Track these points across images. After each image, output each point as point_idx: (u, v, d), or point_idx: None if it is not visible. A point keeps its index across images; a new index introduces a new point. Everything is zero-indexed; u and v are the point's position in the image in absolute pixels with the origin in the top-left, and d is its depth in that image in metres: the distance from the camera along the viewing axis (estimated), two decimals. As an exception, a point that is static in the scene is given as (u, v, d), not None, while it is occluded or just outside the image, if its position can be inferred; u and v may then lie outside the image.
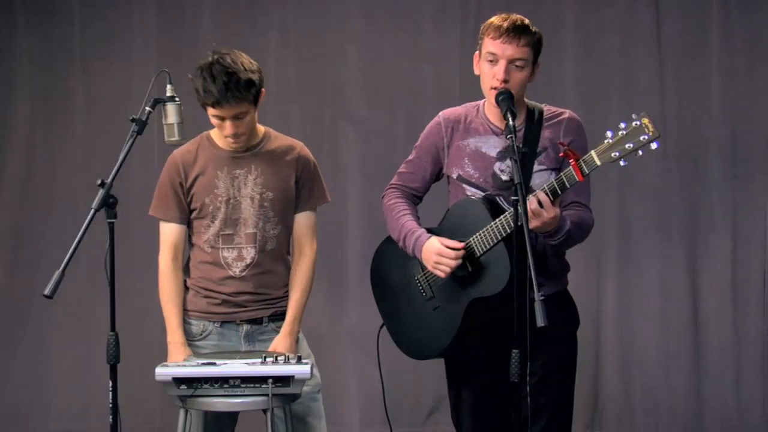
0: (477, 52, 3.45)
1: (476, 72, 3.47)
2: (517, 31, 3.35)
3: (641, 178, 5.45)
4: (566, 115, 3.49)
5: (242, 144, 3.68)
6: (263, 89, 3.64)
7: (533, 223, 3.22)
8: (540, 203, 3.20)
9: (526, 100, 3.50)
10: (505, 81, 3.35)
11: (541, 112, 3.47)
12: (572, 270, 3.61)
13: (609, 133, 3.16)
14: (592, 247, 5.01)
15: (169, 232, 3.75)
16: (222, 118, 3.58)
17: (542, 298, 2.97)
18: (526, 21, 3.40)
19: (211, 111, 3.59)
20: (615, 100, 5.48)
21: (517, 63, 3.36)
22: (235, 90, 3.52)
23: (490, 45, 3.37)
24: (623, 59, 5.51)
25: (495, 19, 3.41)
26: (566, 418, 3.52)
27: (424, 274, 3.53)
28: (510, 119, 3.23)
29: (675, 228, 5.50)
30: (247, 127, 3.64)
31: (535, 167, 3.42)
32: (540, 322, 2.96)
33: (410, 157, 3.65)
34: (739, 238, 5.45)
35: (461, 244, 3.39)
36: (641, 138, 3.12)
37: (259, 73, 3.59)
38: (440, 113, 3.59)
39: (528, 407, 3.21)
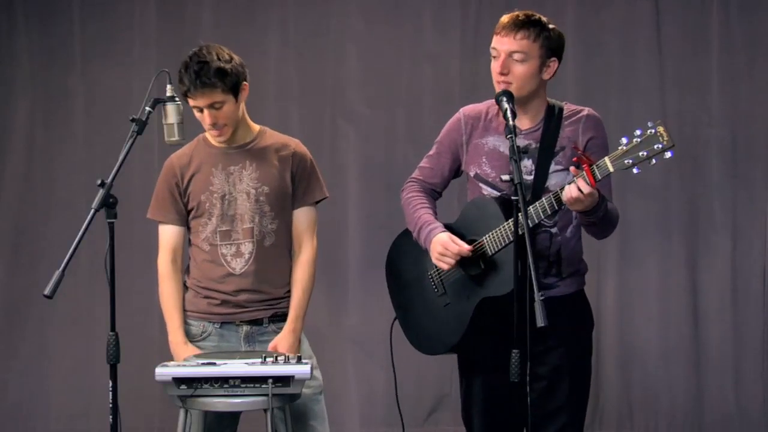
0: None
1: None
2: (515, 25, 3.35)
3: (641, 178, 5.42)
4: (585, 113, 3.47)
5: (227, 137, 3.69)
6: (245, 83, 3.65)
7: (576, 207, 3.20)
8: (580, 189, 3.17)
9: (547, 98, 3.48)
10: (504, 74, 3.34)
11: (561, 110, 3.45)
12: (585, 276, 3.61)
13: (624, 140, 3.14)
14: (592, 247, 4.98)
15: (168, 234, 3.77)
16: (201, 110, 3.62)
17: (542, 298, 2.97)
18: (536, 17, 3.38)
19: (190, 102, 3.62)
20: (615, 100, 5.48)
21: (516, 56, 3.35)
22: (204, 77, 3.55)
23: (493, 40, 3.39)
24: (623, 59, 5.51)
25: (504, 16, 3.41)
26: (579, 421, 3.52)
27: (437, 270, 3.53)
28: (510, 119, 3.23)
29: (675, 228, 5.50)
30: (228, 119, 3.65)
31: (552, 167, 3.41)
32: (540, 322, 2.96)
33: (431, 152, 3.63)
34: (739, 238, 5.45)
35: (469, 247, 3.38)
36: (655, 146, 3.11)
37: (237, 65, 3.63)
38: (461, 109, 3.58)
39: (528, 407, 3.21)
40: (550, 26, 3.41)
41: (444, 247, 3.39)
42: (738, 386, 5.44)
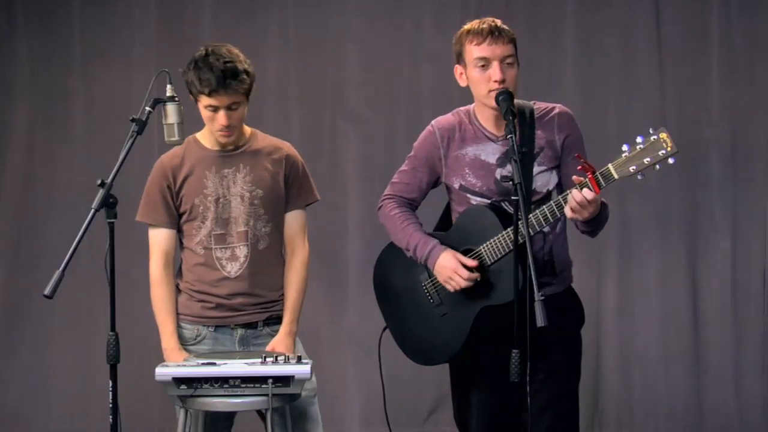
0: (457, 65, 3.46)
1: (462, 84, 3.47)
2: (499, 30, 3.37)
3: (641, 178, 5.44)
4: (556, 111, 3.48)
5: (233, 139, 3.67)
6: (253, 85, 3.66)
7: (580, 215, 3.21)
8: (585, 197, 3.18)
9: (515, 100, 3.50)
10: (503, 81, 3.35)
11: (531, 112, 3.46)
12: (572, 270, 3.61)
13: (626, 147, 3.16)
14: (592, 247, 5.01)
15: (159, 237, 3.73)
16: (215, 109, 3.58)
17: (542, 298, 2.97)
18: (500, 21, 3.42)
19: (205, 101, 3.57)
20: (615, 100, 5.49)
21: (508, 60, 3.37)
22: (231, 78, 3.53)
23: (477, 51, 3.38)
24: (623, 59, 5.51)
25: (471, 26, 3.42)
26: (573, 416, 3.52)
27: (432, 281, 3.53)
28: (510, 119, 3.24)
29: (675, 228, 5.50)
30: (239, 121, 3.64)
31: (536, 168, 3.42)
32: (540, 322, 2.97)
33: (404, 168, 3.62)
34: (739, 238, 5.45)
35: (475, 262, 3.39)
36: (659, 153, 3.13)
37: (252, 67, 3.62)
38: (433, 122, 3.57)
39: (529, 407, 3.21)
40: (509, 28, 3.43)
41: (455, 272, 3.40)
42: (738, 386, 5.43)
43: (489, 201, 3.44)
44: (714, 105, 5.46)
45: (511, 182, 3.15)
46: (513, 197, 3.14)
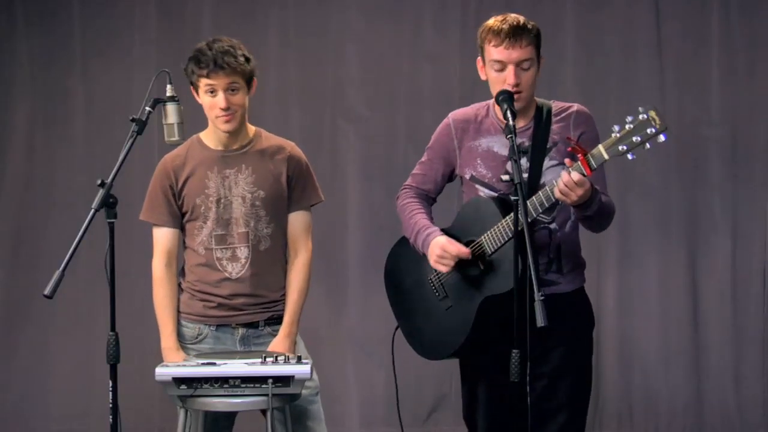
0: (479, 57, 3.45)
1: (483, 77, 3.46)
2: (517, 34, 3.34)
3: (641, 178, 5.46)
4: (574, 109, 3.49)
5: (235, 126, 3.64)
6: (255, 79, 3.66)
7: (570, 198, 3.19)
8: (572, 179, 3.16)
9: (535, 98, 3.49)
10: (517, 84, 3.34)
11: (549, 109, 3.47)
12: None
13: (616, 127, 3.16)
14: (592, 247, 4.99)
15: (162, 237, 3.74)
16: (214, 92, 3.58)
17: (542, 298, 2.97)
18: (523, 19, 3.39)
19: (204, 84, 3.57)
20: (615, 100, 5.48)
21: (524, 65, 3.36)
22: (230, 57, 3.55)
23: (494, 53, 3.36)
24: (623, 59, 5.51)
25: (492, 23, 3.39)
26: (580, 419, 3.52)
27: (437, 275, 3.53)
28: (510, 119, 3.23)
29: (675, 228, 5.50)
30: (239, 107, 3.62)
31: (546, 163, 3.41)
32: (540, 322, 2.97)
33: (423, 159, 3.64)
34: (739, 238, 5.45)
35: (467, 250, 3.38)
36: (648, 131, 3.12)
37: (253, 57, 3.63)
38: (450, 114, 3.58)
39: (528, 407, 3.21)
40: (532, 24, 3.41)
41: (442, 250, 3.40)
42: (738, 386, 5.43)
43: (496, 194, 3.44)
44: (714, 105, 5.46)
45: (511, 181, 3.15)
46: (513, 197, 3.14)
